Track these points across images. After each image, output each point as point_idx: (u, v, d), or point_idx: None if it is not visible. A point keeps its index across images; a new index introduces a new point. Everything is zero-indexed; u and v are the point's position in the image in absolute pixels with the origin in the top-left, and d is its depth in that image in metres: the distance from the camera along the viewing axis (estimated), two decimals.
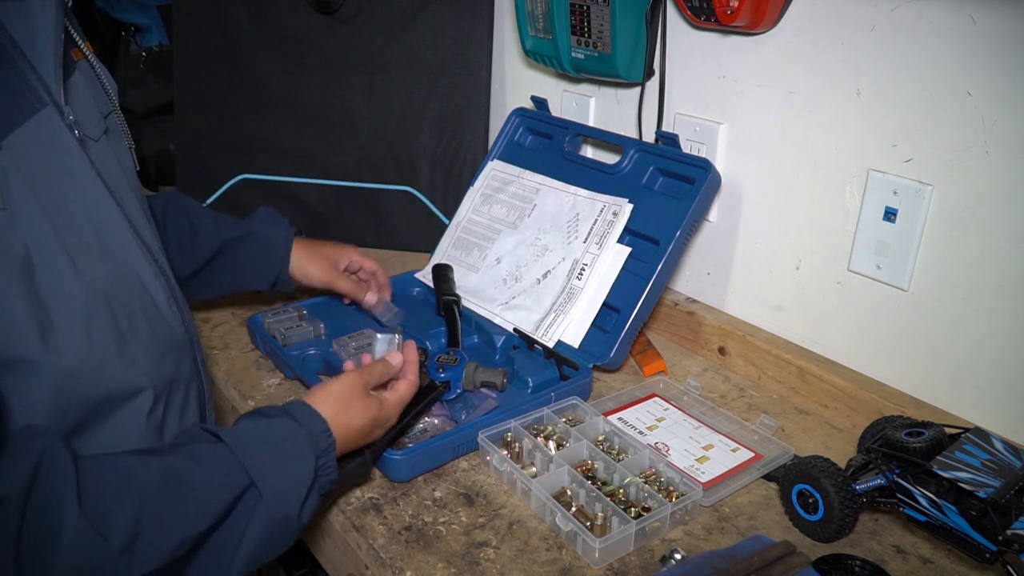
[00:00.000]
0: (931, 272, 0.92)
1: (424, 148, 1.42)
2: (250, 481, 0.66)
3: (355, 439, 0.79)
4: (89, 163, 0.70)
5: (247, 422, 0.73)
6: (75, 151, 0.69)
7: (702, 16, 1.03)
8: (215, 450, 0.67)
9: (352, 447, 0.79)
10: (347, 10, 1.39)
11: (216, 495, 0.64)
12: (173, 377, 0.77)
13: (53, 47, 0.68)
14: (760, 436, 0.94)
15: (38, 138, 0.65)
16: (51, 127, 0.67)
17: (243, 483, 0.65)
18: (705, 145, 1.12)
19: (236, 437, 0.68)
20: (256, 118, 1.46)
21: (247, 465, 0.66)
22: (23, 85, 0.65)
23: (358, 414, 0.78)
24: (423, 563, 0.76)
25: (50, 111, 0.67)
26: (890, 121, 0.92)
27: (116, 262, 0.72)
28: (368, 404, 0.80)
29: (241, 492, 0.65)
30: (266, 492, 0.66)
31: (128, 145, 0.83)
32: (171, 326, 0.78)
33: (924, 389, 0.95)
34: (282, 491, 0.67)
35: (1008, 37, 0.80)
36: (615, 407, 1.01)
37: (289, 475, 0.69)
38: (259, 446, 0.68)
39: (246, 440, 0.68)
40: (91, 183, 0.71)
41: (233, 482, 0.65)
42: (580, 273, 1.09)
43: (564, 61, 1.20)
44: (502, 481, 0.87)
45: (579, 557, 0.77)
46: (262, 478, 0.66)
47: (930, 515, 0.71)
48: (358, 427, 0.78)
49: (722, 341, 1.13)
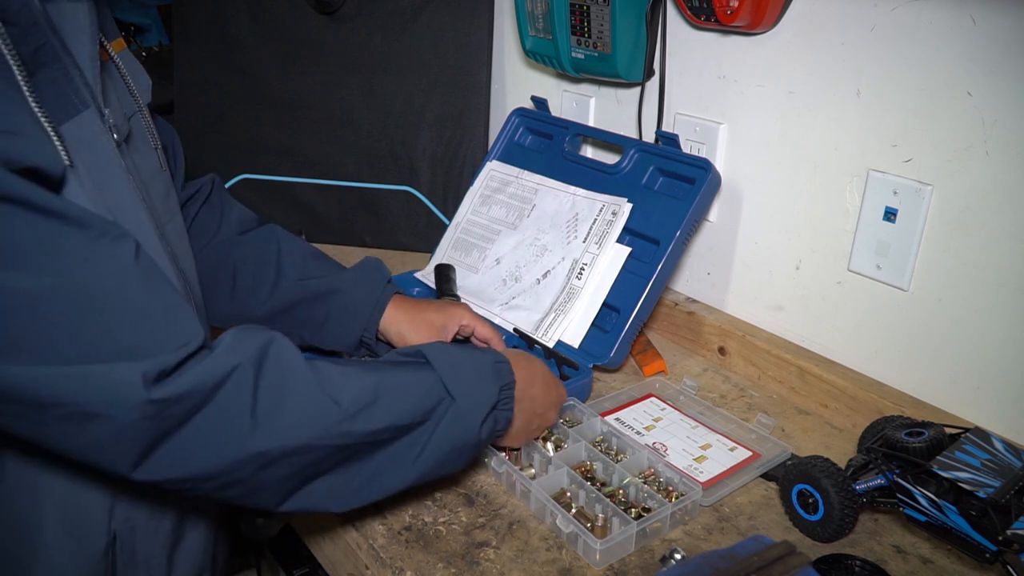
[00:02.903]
0: (931, 272, 0.92)
1: (424, 148, 1.42)
2: (445, 392, 0.74)
3: (535, 386, 0.84)
4: (123, 166, 0.71)
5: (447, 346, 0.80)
6: (113, 153, 0.69)
7: (702, 16, 1.03)
8: (420, 369, 0.75)
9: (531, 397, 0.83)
10: (347, 10, 1.39)
11: (419, 402, 0.72)
12: None
13: (89, 48, 0.68)
14: (758, 435, 0.94)
15: (80, 139, 0.65)
16: (92, 128, 0.67)
17: (441, 395, 0.73)
18: (705, 145, 1.12)
19: (437, 357, 0.76)
20: (256, 118, 1.46)
21: (445, 379, 0.74)
22: (68, 85, 0.65)
23: (538, 363, 0.86)
24: (423, 563, 0.76)
25: (92, 112, 0.67)
26: (890, 121, 0.92)
27: None
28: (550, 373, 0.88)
29: (438, 401, 0.73)
30: (458, 402, 0.74)
31: (153, 145, 0.82)
32: None
33: (924, 389, 0.95)
34: (470, 402, 0.75)
35: (1008, 37, 0.80)
36: (612, 407, 1.01)
37: (477, 390, 0.76)
38: (454, 364, 0.76)
39: (446, 359, 0.76)
40: (126, 185, 0.71)
41: (433, 394, 0.73)
42: (580, 273, 1.09)
43: (564, 61, 1.20)
44: (501, 482, 0.87)
45: (579, 557, 0.77)
46: (455, 388, 0.74)
47: (930, 515, 0.71)
48: (541, 375, 0.85)
49: (722, 341, 1.13)
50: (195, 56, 1.46)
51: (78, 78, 0.66)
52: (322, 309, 0.98)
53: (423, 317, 0.99)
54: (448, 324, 0.99)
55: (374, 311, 0.98)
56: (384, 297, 0.98)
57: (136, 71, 0.82)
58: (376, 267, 1.02)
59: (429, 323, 0.99)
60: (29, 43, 0.61)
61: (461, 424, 0.74)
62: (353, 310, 0.98)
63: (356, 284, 0.99)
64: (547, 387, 0.86)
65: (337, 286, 0.98)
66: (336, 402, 0.66)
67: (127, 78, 0.79)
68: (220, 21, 1.43)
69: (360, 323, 0.98)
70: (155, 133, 0.83)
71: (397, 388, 0.71)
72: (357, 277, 1.00)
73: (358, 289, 0.98)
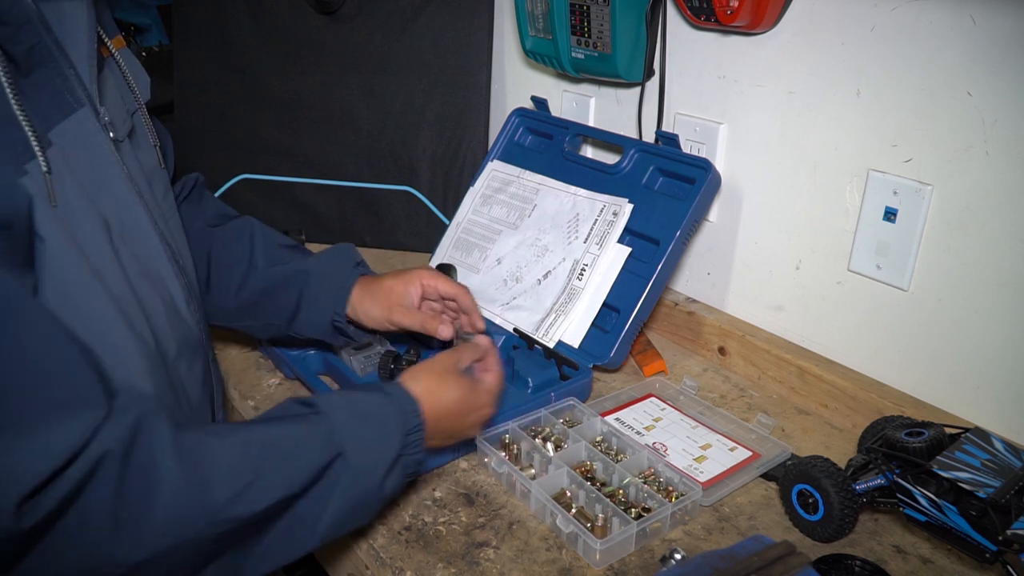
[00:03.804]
0: (931, 272, 0.92)
1: (424, 148, 1.42)
2: (339, 450, 0.67)
3: (450, 417, 0.78)
4: (121, 163, 0.71)
5: (343, 393, 0.76)
6: (109, 151, 0.70)
7: (702, 16, 1.03)
8: (311, 419, 0.69)
9: (446, 428, 0.78)
10: (347, 10, 1.39)
11: (308, 461, 0.66)
12: (185, 376, 0.77)
13: (87, 46, 0.68)
14: (758, 435, 0.94)
15: (74, 137, 0.65)
16: (87, 127, 0.67)
17: (333, 452, 0.67)
18: (705, 145, 1.12)
19: (330, 406, 0.70)
20: (256, 118, 1.46)
21: (338, 434, 0.68)
22: (63, 85, 0.65)
23: (452, 388, 0.78)
24: (423, 563, 0.76)
25: (87, 111, 0.67)
26: (890, 121, 0.92)
27: (141, 262, 0.72)
28: (461, 382, 0.80)
29: (331, 460, 0.67)
30: (352, 460, 0.68)
31: (152, 143, 0.82)
32: (189, 326, 0.78)
33: (924, 389, 0.95)
34: (367, 460, 0.69)
35: (1008, 37, 0.80)
36: (612, 407, 1.01)
37: (375, 446, 0.70)
38: (350, 417, 0.70)
39: (339, 410, 0.70)
40: (123, 183, 0.71)
41: (324, 450, 0.67)
42: (580, 273, 1.09)
43: (564, 61, 1.20)
44: (501, 482, 0.87)
45: (579, 557, 0.77)
46: (351, 447, 0.68)
47: (930, 515, 0.71)
48: (452, 402, 0.78)
49: (722, 341, 1.13)
50: (195, 56, 1.46)
51: (73, 77, 0.66)
52: (292, 295, 0.95)
53: (381, 286, 0.95)
54: (409, 288, 0.95)
55: (340, 291, 0.95)
56: (351, 278, 0.95)
57: (136, 69, 0.82)
58: (344, 251, 0.99)
59: (388, 291, 0.95)
60: (22, 42, 0.61)
61: (360, 483, 0.69)
62: (321, 293, 0.95)
63: (324, 266, 0.96)
64: (461, 415, 0.80)
65: (304, 268, 0.96)
66: (208, 491, 0.59)
67: (128, 75, 0.79)
68: (220, 21, 1.43)
69: (329, 306, 0.95)
70: (154, 131, 0.83)
71: (283, 454, 0.65)
72: (324, 260, 0.97)
73: (325, 271, 0.96)
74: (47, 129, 0.63)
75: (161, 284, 0.75)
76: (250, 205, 1.48)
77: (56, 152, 0.63)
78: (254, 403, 1.01)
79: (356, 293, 0.95)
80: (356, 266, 0.97)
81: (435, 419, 0.76)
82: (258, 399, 1.02)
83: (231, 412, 1.05)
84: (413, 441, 0.73)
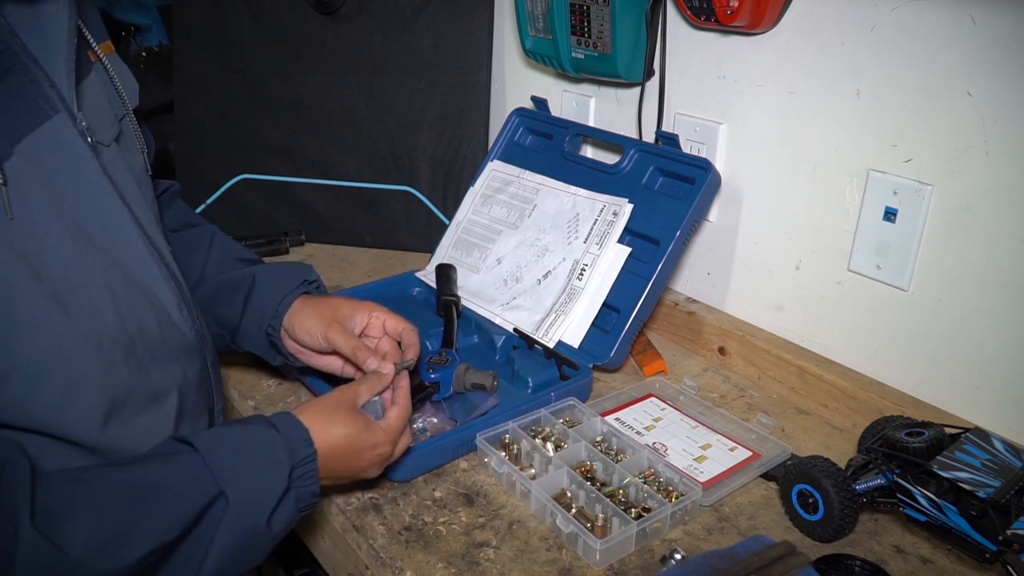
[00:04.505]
0: (931, 272, 0.92)
1: (424, 148, 1.42)
2: (219, 489, 0.63)
3: (339, 456, 0.73)
4: (101, 169, 0.70)
5: (224, 429, 0.71)
6: (87, 158, 0.68)
7: (702, 16, 1.03)
8: (186, 459, 0.65)
9: (336, 468, 0.74)
10: (347, 10, 1.39)
11: (184, 505, 0.62)
12: (181, 383, 0.76)
13: (65, 51, 0.67)
14: (758, 435, 0.94)
15: (49, 145, 0.65)
16: (63, 134, 0.66)
17: (213, 492, 0.63)
18: (705, 145, 1.12)
19: (209, 444, 0.66)
20: (256, 118, 1.46)
21: (216, 472, 0.64)
22: (35, 91, 0.64)
23: (341, 425, 0.74)
24: (423, 563, 0.76)
25: (62, 117, 0.66)
26: (890, 121, 0.92)
27: (126, 268, 0.71)
28: (355, 417, 0.75)
29: (211, 501, 0.63)
30: (233, 498, 0.64)
31: (140, 148, 0.81)
32: (182, 332, 0.77)
33: (924, 389, 0.95)
34: (250, 497, 0.65)
35: (1008, 37, 0.80)
36: (612, 407, 1.01)
37: (259, 481, 0.66)
38: (231, 452, 0.66)
39: (219, 447, 0.66)
40: (103, 189, 0.70)
41: (202, 491, 0.63)
42: (580, 273, 1.09)
43: (564, 61, 1.20)
44: (501, 482, 0.87)
45: (579, 557, 0.77)
46: (231, 484, 0.64)
47: (930, 515, 0.71)
48: (341, 439, 0.73)
49: (722, 341, 1.13)
50: (195, 56, 1.46)
51: (45, 83, 0.65)
52: (237, 305, 0.90)
53: (328, 301, 0.91)
54: (356, 313, 0.90)
55: (280, 302, 0.89)
56: (294, 291, 0.90)
57: (124, 74, 0.81)
58: (299, 267, 0.94)
59: (332, 307, 0.90)
60: None
61: (244, 522, 0.64)
62: (261, 304, 0.90)
63: (270, 275, 0.91)
64: (353, 454, 0.75)
65: (251, 275, 0.91)
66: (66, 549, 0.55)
67: (116, 81, 0.78)
68: (220, 21, 1.43)
69: (264, 317, 0.89)
70: (141, 137, 0.82)
71: (155, 500, 0.61)
72: (273, 270, 0.93)
73: (271, 280, 0.91)
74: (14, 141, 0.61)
75: (148, 290, 0.73)
76: (250, 205, 1.48)
77: (19, 162, 0.62)
78: (254, 403, 1.01)
79: (297, 304, 0.90)
80: (305, 283, 0.92)
81: (325, 456, 0.71)
82: (258, 399, 1.02)
83: (231, 412, 1.05)
84: (305, 473, 0.69)
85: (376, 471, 0.79)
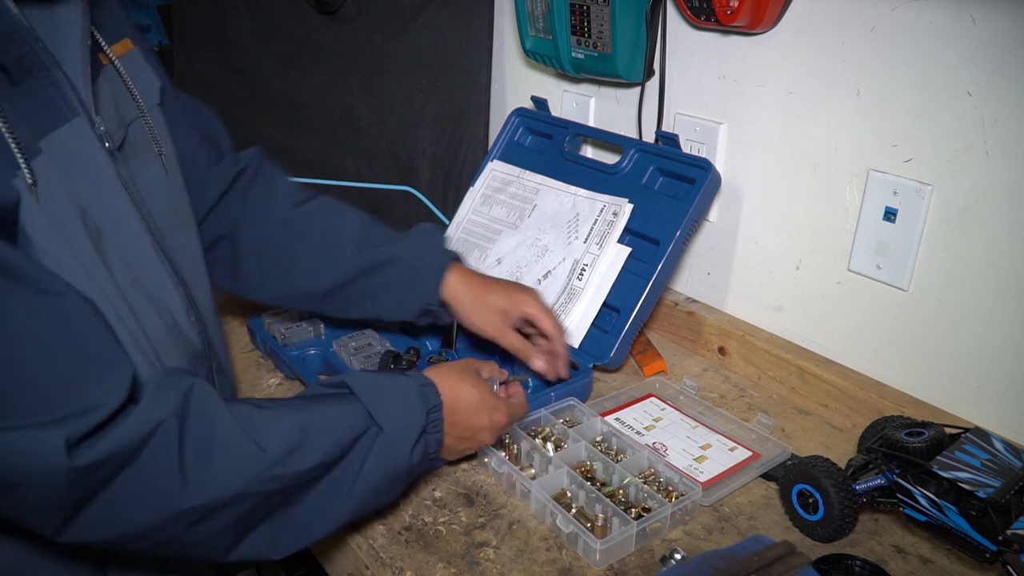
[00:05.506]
0: (931, 272, 0.92)
1: (424, 148, 1.42)
2: (371, 421, 0.72)
3: (464, 411, 0.80)
4: (116, 174, 0.69)
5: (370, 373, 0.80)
6: (104, 162, 0.68)
7: (702, 16, 1.03)
8: (344, 397, 0.74)
9: (461, 423, 0.80)
10: (347, 10, 1.39)
11: (344, 432, 0.70)
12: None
13: (80, 53, 0.67)
14: (758, 435, 0.94)
15: (67, 147, 0.64)
16: (81, 137, 0.66)
17: (365, 423, 0.72)
18: (705, 145, 1.12)
19: (358, 384, 0.74)
20: (256, 118, 1.46)
21: (369, 407, 0.73)
22: (55, 93, 0.64)
23: (470, 383, 0.81)
24: (423, 563, 0.76)
25: (81, 120, 0.66)
26: (890, 121, 0.92)
27: (134, 271, 0.71)
28: (479, 382, 0.82)
29: (363, 430, 0.72)
30: (384, 426, 0.72)
31: (157, 151, 0.80)
32: (189, 339, 0.77)
33: (924, 389, 0.95)
34: (398, 431, 0.73)
35: (1008, 37, 0.80)
36: (612, 407, 1.01)
37: (404, 416, 0.74)
38: (379, 391, 0.74)
39: (368, 387, 0.74)
40: (116, 194, 0.70)
41: (359, 422, 0.72)
42: (580, 273, 1.09)
43: (564, 61, 1.20)
44: (501, 482, 0.87)
45: (579, 557, 0.77)
46: (381, 416, 0.73)
47: (930, 515, 0.71)
48: (468, 396, 0.80)
49: (722, 341, 1.13)
50: (195, 56, 1.47)
51: (66, 86, 0.65)
52: (382, 280, 0.96)
53: (487, 301, 0.96)
54: (512, 310, 0.96)
55: (434, 281, 0.96)
56: (443, 265, 0.97)
57: (141, 73, 0.80)
58: (433, 233, 1.00)
59: (493, 308, 0.96)
60: (9, 51, 0.60)
61: (391, 452, 0.73)
62: (413, 280, 0.96)
63: (415, 251, 0.97)
64: (474, 412, 0.81)
65: (396, 254, 0.96)
66: (263, 448, 0.65)
67: (129, 82, 0.77)
68: (220, 21, 1.44)
69: (421, 294, 0.97)
70: (158, 139, 0.80)
71: (323, 424, 0.70)
72: (415, 244, 0.98)
73: (417, 257, 0.97)
74: (37, 139, 0.62)
75: (157, 296, 0.73)
76: None
77: (44, 161, 0.62)
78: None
79: (457, 289, 0.97)
80: (447, 251, 0.99)
81: (451, 408, 0.79)
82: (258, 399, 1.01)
83: None
84: (434, 419, 0.77)
85: (491, 437, 0.84)
